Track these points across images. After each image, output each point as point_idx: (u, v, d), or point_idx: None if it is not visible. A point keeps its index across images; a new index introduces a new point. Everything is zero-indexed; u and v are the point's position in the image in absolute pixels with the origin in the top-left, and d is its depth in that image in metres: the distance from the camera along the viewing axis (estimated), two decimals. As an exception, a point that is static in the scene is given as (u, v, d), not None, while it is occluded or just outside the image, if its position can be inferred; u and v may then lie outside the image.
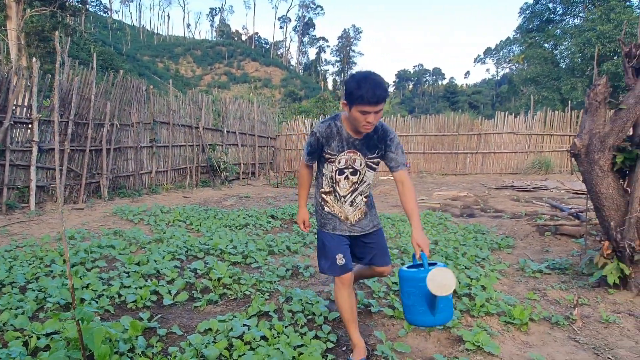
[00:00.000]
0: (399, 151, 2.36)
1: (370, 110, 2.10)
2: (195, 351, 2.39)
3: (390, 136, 2.35)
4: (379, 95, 2.08)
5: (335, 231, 2.44)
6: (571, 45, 26.46)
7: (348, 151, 2.33)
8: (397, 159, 2.35)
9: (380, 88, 2.09)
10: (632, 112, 3.25)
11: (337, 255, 2.38)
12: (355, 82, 2.10)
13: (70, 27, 21.71)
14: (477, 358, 2.45)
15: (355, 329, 2.42)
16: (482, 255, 4.35)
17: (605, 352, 2.53)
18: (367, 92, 2.07)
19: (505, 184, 10.98)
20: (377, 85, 2.08)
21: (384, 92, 2.11)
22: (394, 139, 2.36)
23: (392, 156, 2.35)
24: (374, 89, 2.07)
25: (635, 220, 3.29)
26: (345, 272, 2.39)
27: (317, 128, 2.35)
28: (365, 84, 2.08)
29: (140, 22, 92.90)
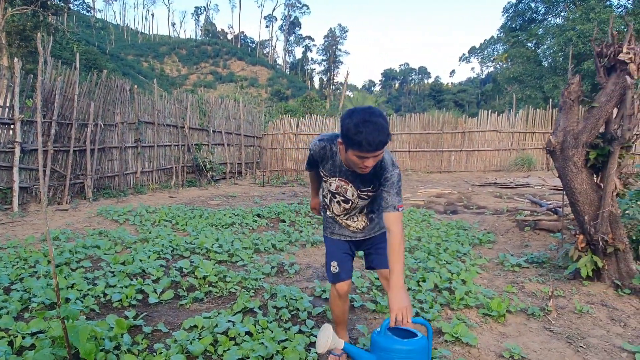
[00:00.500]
0: (393, 191, 2.05)
1: (369, 156, 1.87)
2: (181, 347, 2.43)
3: (386, 175, 2.06)
4: (381, 142, 1.83)
5: (334, 236, 2.36)
6: (553, 44, 26.92)
7: (339, 179, 2.19)
8: (388, 199, 2.04)
9: (383, 134, 1.83)
10: (604, 109, 3.37)
11: (332, 263, 2.33)
12: (353, 124, 1.83)
13: (52, 26, 21.42)
14: (455, 349, 2.54)
15: (342, 328, 2.47)
16: (463, 250, 4.46)
17: (577, 341, 2.64)
18: (366, 139, 1.81)
19: (489, 181, 11.17)
20: (379, 132, 1.82)
21: (386, 137, 1.85)
22: (390, 178, 2.05)
23: (384, 195, 2.06)
24: (375, 136, 1.81)
25: (608, 215, 3.41)
26: (339, 280, 2.32)
27: (312, 145, 2.24)
28: (366, 129, 1.81)
29: (124, 21, 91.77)
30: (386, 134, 1.84)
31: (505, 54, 34.80)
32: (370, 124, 1.82)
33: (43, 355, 2.17)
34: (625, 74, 3.24)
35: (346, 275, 2.33)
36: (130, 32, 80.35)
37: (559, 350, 2.52)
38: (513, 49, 31.46)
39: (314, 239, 5.15)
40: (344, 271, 2.32)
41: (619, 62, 3.27)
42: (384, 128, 1.84)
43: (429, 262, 3.97)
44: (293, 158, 15.27)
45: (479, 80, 78.43)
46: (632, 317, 2.99)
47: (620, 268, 3.46)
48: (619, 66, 3.29)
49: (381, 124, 1.83)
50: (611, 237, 3.40)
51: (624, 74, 3.25)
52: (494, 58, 45.83)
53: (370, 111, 1.87)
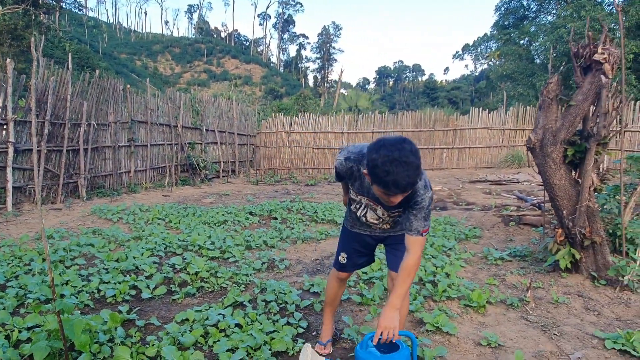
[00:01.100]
0: (421, 215, 1.93)
1: (397, 195, 1.73)
2: (173, 339, 2.53)
3: (417, 199, 1.91)
4: (409, 183, 1.67)
5: (354, 229, 2.34)
6: (545, 41, 27.15)
7: (368, 199, 2.11)
8: (413, 222, 1.93)
9: (413, 175, 1.66)
10: (581, 108, 3.50)
11: (342, 254, 2.39)
12: (381, 162, 1.65)
13: (44, 25, 21.35)
14: (435, 337, 2.65)
15: (330, 312, 2.56)
16: (449, 245, 4.58)
17: (552, 329, 2.77)
18: (394, 181, 1.65)
19: (479, 177, 11.33)
20: (409, 174, 1.65)
21: (416, 178, 1.68)
22: (421, 202, 1.91)
23: (410, 217, 1.95)
24: (404, 178, 1.64)
25: (585, 209, 3.54)
26: (342, 270, 2.42)
27: (338, 164, 2.13)
28: (394, 169, 1.63)
29: (116, 19, 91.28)
30: (417, 174, 1.67)
31: (497, 52, 35.01)
32: (399, 164, 1.63)
33: (40, 347, 2.26)
34: (601, 73, 3.37)
35: (351, 268, 2.43)
36: (123, 31, 79.93)
37: (534, 338, 2.65)
38: (505, 47, 31.69)
39: (304, 236, 5.25)
40: (350, 264, 2.40)
41: (594, 62, 3.40)
42: (415, 167, 1.65)
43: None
44: (286, 156, 15.37)
45: (472, 77, 78.77)
46: (606, 306, 3.13)
47: (597, 260, 3.59)
48: (594, 66, 3.41)
49: (412, 163, 1.64)
50: (588, 231, 3.53)
51: (599, 74, 3.38)
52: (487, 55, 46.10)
53: (400, 147, 1.66)
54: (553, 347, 2.55)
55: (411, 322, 2.88)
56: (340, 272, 2.44)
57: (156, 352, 2.38)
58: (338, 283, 2.50)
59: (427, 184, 1.95)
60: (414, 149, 1.68)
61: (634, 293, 3.29)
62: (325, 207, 7.05)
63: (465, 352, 2.50)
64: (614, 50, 3.37)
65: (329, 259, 4.43)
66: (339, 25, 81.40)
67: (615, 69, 3.37)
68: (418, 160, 1.68)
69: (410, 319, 2.91)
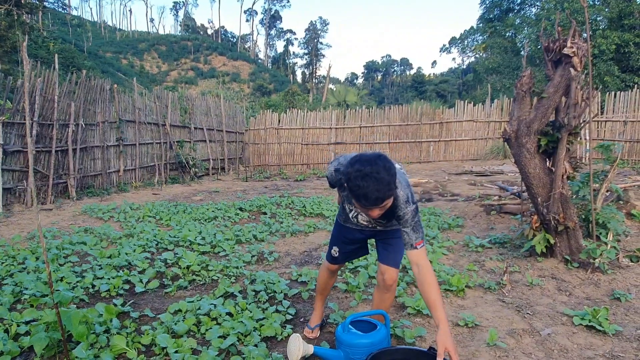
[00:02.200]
0: (409, 229, 1.97)
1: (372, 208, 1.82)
2: (167, 328, 2.66)
3: (399, 213, 1.98)
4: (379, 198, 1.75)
5: (347, 223, 2.39)
6: (529, 34, 27.48)
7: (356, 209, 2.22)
8: (405, 237, 1.99)
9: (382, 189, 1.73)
10: (552, 99, 3.67)
11: (334, 248, 2.47)
12: (353, 177, 1.75)
13: (27, 25, 21.08)
14: (416, 320, 2.81)
15: (320, 300, 2.70)
16: (432, 234, 4.75)
17: (525, 309, 2.94)
18: (364, 195, 1.74)
19: (465, 169, 11.55)
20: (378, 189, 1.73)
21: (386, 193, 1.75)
22: (404, 216, 1.97)
23: (403, 232, 2.00)
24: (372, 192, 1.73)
25: (559, 196, 3.72)
26: (334, 263, 2.52)
27: (328, 174, 2.24)
28: (364, 183, 1.72)
29: (101, 17, 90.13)
30: (386, 189, 1.74)
31: (483, 44, 35.38)
32: (369, 179, 1.72)
33: (39, 339, 2.38)
34: (570, 66, 3.54)
35: (343, 261, 2.53)
36: (108, 29, 78.98)
37: (508, 317, 2.82)
38: (491, 40, 32.02)
39: (293, 229, 5.39)
40: (342, 258, 2.49)
41: (564, 56, 3.56)
42: (385, 183, 1.73)
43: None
44: (275, 153, 15.47)
45: (460, 70, 79.26)
46: (578, 287, 3.31)
47: (570, 244, 3.78)
48: (564, 59, 3.58)
49: (382, 179, 1.72)
50: (562, 217, 3.71)
51: (568, 67, 3.55)
52: (474, 48, 46.48)
53: (373, 162, 1.75)
54: (525, 325, 2.72)
55: (394, 306, 3.03)
56: (331, 264, 2.55)
57: (151, 340, 2.51)
58: (329, 274, 2.61)
59: (409, 198, 1.98)
60: (387, 166, 1.76)
61: (604, 274, 3.48)
62: (314, 202, 7.18)
63: (443, 332, 2.65)
64: (582, 44, 3.53)
65: (317, 251, 4.57)
66: (326, 20, 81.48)
67: (583, 61, 3.54)
68: (390, 176, 1.75)
69: (393, 303, 3.07)
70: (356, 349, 2.03)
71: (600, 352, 2.37)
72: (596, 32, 21.13)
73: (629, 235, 4.44)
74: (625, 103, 12.43)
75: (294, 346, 2.10)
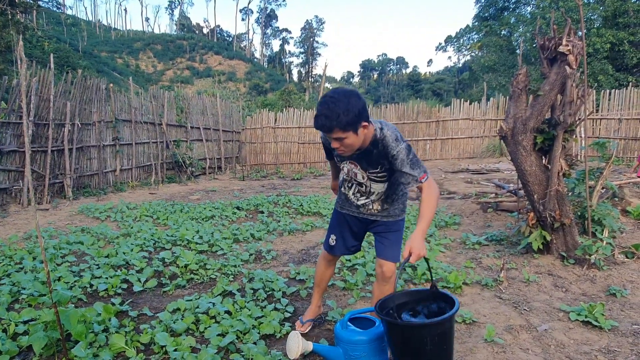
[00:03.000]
0: (408, 166, 2.01)
1: (329, 137, 1.95)
2: (165, 326, 2.66)
3: (392, 152, 2.02)
4: (322, 125, 1.88)
5: (343, 209, 2.44)
6: (524, 32, 27.57)
7: (349, 162, 2.24)
8: (406, 176, 2.03)
9: (328, 117, 1.85)
10: (548, 97, 3.69)
11: (331, 236, 2.48)
12: (320, 100, 1.92)
13: (21, 24, 20.96)
14: (414, 316, 2.82)
15: (317, 293, 2.70)
16: (429, 232, 4.77)
17: (522, 305, 2.97)
18: (315, 119, 1.90)
19: (462, 167, 11.58)
20: (324, 115, 1.86)
21: (331, 122, 1.85)
22: (397, 155, 2.01)
23: (403, 174, 2.04)
24: (318, 117, 1.89)
25: (555, 193, 3.75)
26: (331, 253, 2.52)
27: (322, 136, 2.31)
28: (319, 107, 1.89)
29: (95, 17, 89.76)
30: (332, 118, 1.83)
31: (479, 43, 35.44)
32: (322, 105, 1.87)
33: (38, 338, 2.37)
34: (565, 64, 3.56)
35: (339, 251, 2.51)
36: (103, 28, 78.63)
37: (505, 314, 2.84)
38: (486, 38, 32.08)
39: (291, 228, 5.40)
40: (338, 247, 2.50)
41: (559, 54, 3.59)
42: (333, 112, 1.83)
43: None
44: (272, 152, 15.46)
45: (456, 69, 79.35)
46: (574, 283, 3.34)
47: (566, 241, 3.80)
48: (559, 57, 3.60)
49: (332, 108, 1.83)
50: (558, 214, 3.74)
51: (564, 65, 3.57)
52: (469, 47, 46.53)
53: (341, 92, 1.88)
54: (522, 321, 2.74)
55: (392, 303, 3.05)
56: (329, 253, 2.56)
57: (150, 338, 2.51)
58: (326, 264, 2.62)
59: (399, 137, 2.05)
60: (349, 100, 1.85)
61: (600, 270, 3.51)
62: (311, 200, 7.19)
63: (441, 329, 2.67)
64: (578, 42, 3.56)
65: (315, 249, 4.58)
66: (321, 19, 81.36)
67: (578, 59, 3.56)
68: (344, 109, 1.83)
69: (391, 301, 3.08)
70: (355, 345, 2.05)
71: (597, 347, 2.40)
72: (590, 31, 21.22)
73: (624, 231, 4.48)
74: (620, 101, 12.51)
75: (293, 343, 2.10)
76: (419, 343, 1.79)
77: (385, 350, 2.09)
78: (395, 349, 1.89)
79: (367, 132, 2.00)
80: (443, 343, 1.81)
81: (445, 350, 1.83)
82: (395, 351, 1.89)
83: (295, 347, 2.09)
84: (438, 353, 1.79)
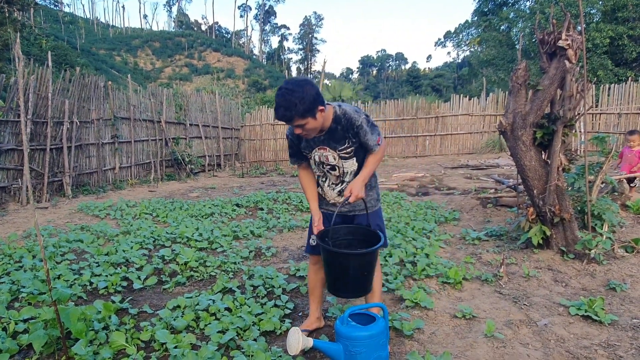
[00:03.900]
0: (369, 135, 2.22)
1: (292, 125, 2.10)
2: (166, 324, 2.66)
3: (357, 124, 2.20)
4: (282, 115, 2.03)
5: (321, 208, 2.47)
6: (524, 27, 27.49)
7: (318, 148, 2.31)
8: (368, 142, 2.24)
9: (286, 109, 2.01)
10: (548, 92, 3.68)
11: (312, 237, 2.45)
12: (276, 92, 2.06)
13: (19, 22, 20.89)
14: (414, 312, 2.83)
15: (313, 301, 2.63)
16: (429, 227, 4.77)
17: (522, 300, 2.97)
18: (275, 109, 2.03)
19: (461, 163, 11.58)
20: (282, 106, 2.01)
21: (290, 112, 2.01)
22: (362, 125, 2.20)
23: (364, 142, 2.25)
24: (277, 108, 2.03)
25: (554, 188, 3.74)
26: (314, 253, 2.49)
27: (288, 131, 2.36)
28: (277, 100, 2.02)
29: (93, 14, 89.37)
30: (289, 108, 2.00)
31: (478, 38, 35.34)
32: (278, 97, 2.02)
33: (38, 336, 2.37)
34: (565, 58, 3.55)
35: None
36: (101, 26, 78.30)
37: (505, 309, 2.84)
38: (485, 33, 31.99)
39: (290, 225, 5.39)
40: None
41: (558, 48, 3.57)
42: (287, 102, 2.00)
43: (396, 239, 4.27)
44: (271, 148, 15.44)
45: (455, 64, 79.16)
46: (574, 278, 3.34)
47: (566, 236, 3.80)
48: (559, 52, 3.59)
49: (286, 99, 2.00)
50: (558, 208, 3.74)
51: (563, 59, 3.56)
52: (468, 42, 46.41)
53: (294, 82, 2.05)
54: (522, 316, 2.74)
55: (392, 299, 3.05)
56: (312, 255, 2.54)
57: (150, 336, 2.51)
58: (315, 269, 2.57)
59: (357, 109, 2.26)
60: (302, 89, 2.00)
61: (600, 265, 3.51)
62: (311, 197, 7.18)
63: (441, 324, 2.68)
64: (577, 36, 3.54)
65: (315, 246, 4.57)
66: (320, 15, 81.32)
67: (578, 54, 3.55)
68: (300, 98, 1.99)
69: (390, 296, 3.09)
70: (355, 341, 2.04)
71: (597, 342, 2.40)
72: (590, 26, 21.15)
73: (624, 226, 4.48)
74: (619, 96, 12.49)
75: (293, 339, 2.10)
76: (344, 267, 2.16)
77: (385, 346, 2.09)
78: (327, 268, 2.24)
79: (325, 115, 2.16)
80: (363, 270, 2.17)
81: (365, 276, 2.19)
82: (326, 270, 2.25)
83: (296, 344, 2.09)
84: (358, 277, 2.16)
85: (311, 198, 2.48)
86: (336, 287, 2.26)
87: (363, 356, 2.02)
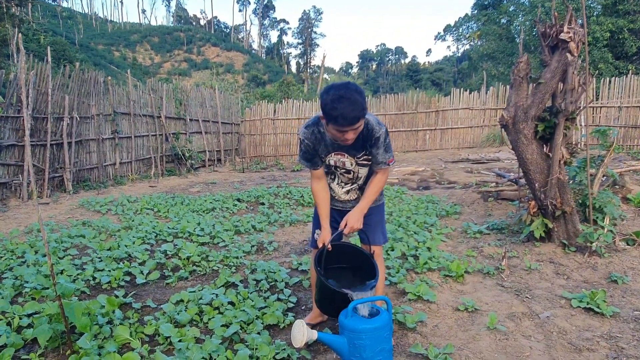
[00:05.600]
0: (382, 149, 2.22)
1: (348, 129, 2.02)
2: (169, 318, 2.67)
3: (376, 135, 2.19)
4: (355, 117, 1.97)
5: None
6: (523, 21, 27.38)
7: (335, 153, 2.30)
8: (379, 157, 2.24)
9: (357, 109, 1.96)
10: (549, 85, 3.68)
11: (316, 231, 2.46)
12: (330, 100, 1.97)
13: (17, 17, 20.79)
14: (417, 305, 2.84)
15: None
16: (431, 221, 4.78)
17: (524, 293, 2.98)
18: (342, 115, 1.95)
19: (462, 157, 11.58)
20: (353, 107, 1.95)
21: (361, 112, 1.98)
22: (380, 137, 2.20)
23: (374, 153, 2.24)
24: (349, 112, 1.95)
25: (556, 181, 3.75)
26: (316, 247, 2.44)
27: (302, 134, 2.30)
28: (340, 105, 1.94)
29: (91, 9, 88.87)
30: (360, 108, 1.96)
31: (478, 32, 35.20)
32: (345, 100, 1.94)
33: (42, 330, 2.38)
34: (566, 51, 3.54)
35: None
36: (99, 21, 78.02)
37: (507, 301, 2.85)
38: (485, 27, 31.87)
39: (292, 219, 5.40)
40: None
41: (560, 41, 3.56)
42: (357, 103, 1.95)
43: (398, 233, 4.27)
44: (271, 143, 15.43)
45: (455, 58, 78.84)
46: (575, 270, 3.35)
47: (568, 229, 3.81)
48: (560, 45, 3.58)
49: (355, 100, 1.95)
50: (559, 202, 3.74)
51: (565, 52, 3.55)
52: (468, 36, 46.23)
53: (346, 87, 1.98)
54: (525, 308, 2.75)
55: (394, 292, 3.06)
56: (315, 250, 2.51)
57: (154, 330, 2.52)
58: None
59: (379, 121, 2.24)
60: (359, 90, 1.99)
61: (601, 257, 3.52)
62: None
63: (444, 317, 2.69)
64: (579, 29, 3.53)
65: (316, 240, 4.58)
66: (319, 9, 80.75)
67: (580, 47, 3.54)
68: (362, 98, 1.98)
69: (393, 290, 3.10)
70: (359, 334, 2.05)
71: (599, 334, 2.41)
72: (590, 19, 21.07)
73: (625, 219, 4.49)
74: (620, 89, 12.46)
75: (298, 332, 2.11)
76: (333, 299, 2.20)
77: (389, 338, 2.10)
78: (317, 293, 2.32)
79: None
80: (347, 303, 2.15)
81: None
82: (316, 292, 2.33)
83: (300, 336, 2.10)
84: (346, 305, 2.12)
85: (324, 215, 2.40)
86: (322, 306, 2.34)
87: (367, 349, 2.03)
